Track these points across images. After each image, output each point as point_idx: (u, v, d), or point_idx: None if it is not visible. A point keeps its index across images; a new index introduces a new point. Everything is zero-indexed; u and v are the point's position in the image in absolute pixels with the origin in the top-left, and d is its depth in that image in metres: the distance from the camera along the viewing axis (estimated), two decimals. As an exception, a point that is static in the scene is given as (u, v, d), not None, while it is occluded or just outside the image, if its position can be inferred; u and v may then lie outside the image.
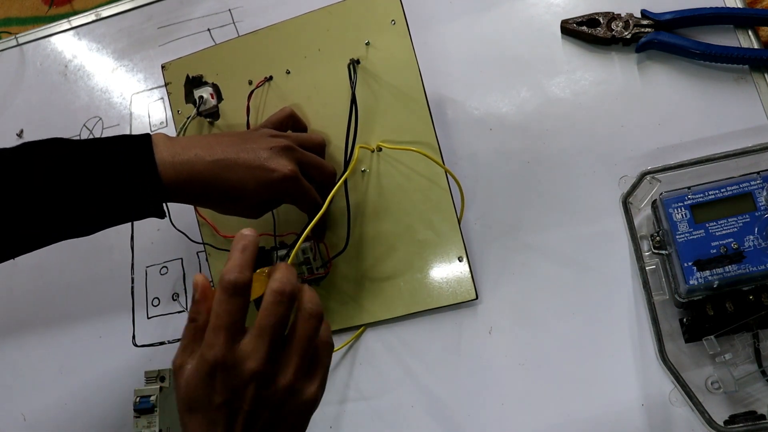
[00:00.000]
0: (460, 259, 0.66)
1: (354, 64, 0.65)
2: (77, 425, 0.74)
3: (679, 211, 0.57)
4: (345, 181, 0.64)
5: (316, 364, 0.45)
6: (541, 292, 0.65)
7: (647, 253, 0.60)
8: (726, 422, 0.55)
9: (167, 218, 0.65)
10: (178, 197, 0.56)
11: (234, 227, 0.71)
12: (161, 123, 0.84)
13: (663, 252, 0.59)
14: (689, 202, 0.57)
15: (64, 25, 0.95)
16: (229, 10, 0.87)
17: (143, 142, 0.55)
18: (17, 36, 0.97)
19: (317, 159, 0.63)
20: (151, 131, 0.84)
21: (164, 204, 0.57)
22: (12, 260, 0.83)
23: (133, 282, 0.79)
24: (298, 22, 0.68)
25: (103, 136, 0.85)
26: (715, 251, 0.56)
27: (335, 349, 0.52)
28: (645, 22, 0.69)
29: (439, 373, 0.65)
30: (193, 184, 0.55)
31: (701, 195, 0.57)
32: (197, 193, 0.57)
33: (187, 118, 0.70)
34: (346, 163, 0.64)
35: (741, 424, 0.55)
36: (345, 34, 0.66)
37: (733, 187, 0.57)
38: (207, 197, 0.58)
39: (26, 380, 0.78)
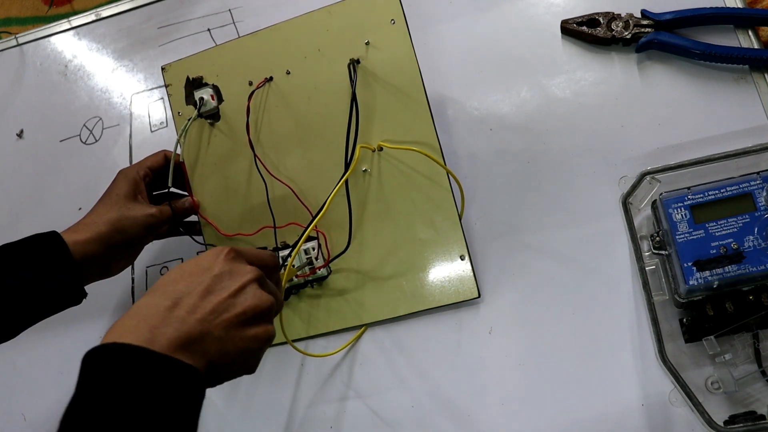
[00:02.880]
0: (462, 258, 0.66)
1: (354, 64, 0.65)
2: (78, 425, 0.74)
3: (679, 211, 0.57)
4: (346, 182, 0.64)
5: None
6: (541, 292, 0.65)
7: (647, 254, 0.60)
8: (726, 422, 0.55)
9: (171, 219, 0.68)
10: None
11: (235, 226, 0.71)
12: (161, 123, 0.84)
13: (663, 252, 0.59)
14: (689, 202, 0.57)
15: (64, 25, 0.95)
16: (229, 10, 0.87)
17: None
18: (17, 36, 0.97)
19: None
20: (152, 131, 0.85)
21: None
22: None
23: (133, 282, 0.79)
24: (297, 22, 0.68)
25: (103, 136, 0.86)
26: (714, 251, 0.56)
27: (336, 351, 0.54)
28: (645, 22, 0.69)
29: (440, 373, 0.65)
30: None
31: (701, 195, 0.57)
32: None
33: (188, 120, 0.70)
34: (347, 163, 0.64)
35: (741, 424, 0.54)
36: (345, 34, 0.66)
37: (733, 188, 0.57)
38: None
39: (26, 380, 0.78)
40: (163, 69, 0.73)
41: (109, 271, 0.65)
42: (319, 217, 0.60)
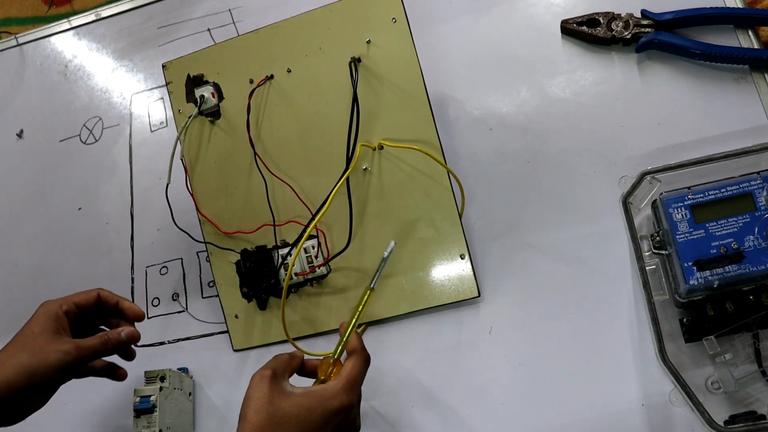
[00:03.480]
0: (462, 257, 0.66)
1: (355, 62, 0.65)
2: (77, 425, 0.73)
3: (679, 211, 0.57)
4: (347, 180, 0.63)
5: None
6: (541, 291, 0.65)
7: (647, 253, 0.60)
8: (726, 422, 0.55)
9: (172, 219, 0.67)
10: None
11: (235, 224, 0.71)
12: (161, 123, 0.84)
13: (663, 252, 0.59)
14: (689, 202, 0.57)
15: (64, 25, 0.95)
16: (229, 10, 0.87)
17: None
18: (17, 36, 0.97)
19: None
20: (151, 131, 0.85)
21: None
22: (12, 260, 0.85)
23: (133, 282, 0.79)
24: (299, 20, 0.68)
25: (103, 136, 0.86)
26: (715, 251, 0.56)
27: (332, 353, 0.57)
28: (645, 22, 0.69)
29: (440, 373, 0.65)
30: None
31: (701, 195, 0.57)
32: None
33: (189, 118, 0.70)
34: (348, 161, 0.64)
35: (741, 424, 0.54)
36: (346, 33, 0.66)
37: (733, 187, 0.57)
38: None
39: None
40: (164, 66, 0.73)
41: (18, 416, 0.57)
42: (321, 214, 0.60)
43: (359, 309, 0.58)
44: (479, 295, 0.65)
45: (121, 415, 0.72)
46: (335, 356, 0.55)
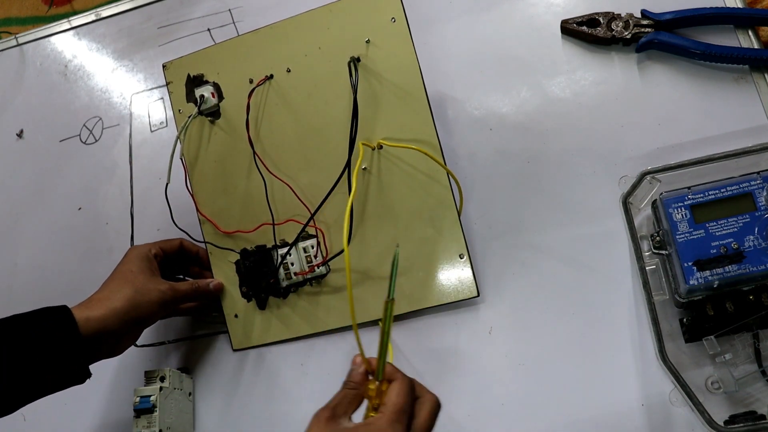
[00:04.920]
0: (461, 257, 0.66)
1: (354, 62, 0.65)
2: (77, 425, 0.73)
3: (679, 211, 0.57)
4: (348, 179, 0.63)
5: None
6: (541, 291, 0.65)
7: (647, 253, 0.60)
8: (726, 422, 0.55)
9: (171, 219, 0.68)
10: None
11: (235, 223, 0.71)
12: (161, 123, 0.84)
13: (663, 252, 0.59)
14: (689, 202, 0.57)
15: (64, 25, 0.95)
16: (229, 10, 0.87)
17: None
18: (17, 36, 0.97)
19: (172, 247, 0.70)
20: (151, 131, 0.85)
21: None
22: (12, 260, 0.85)
23: (132, 282, 0.78)
24: (298, 20, 0.68)
25: (103, 136, 0.86)
26: (715, 251, 0.56)
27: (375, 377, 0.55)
28: (645, 22, 0.69)
29: (439, 372, 0.65)
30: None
31: (701, 195, 0.57)
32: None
33: (189, 117, 0.70)
34: (349, 160, 0.64)
35: (741, 424, 0.54)
36: (345, 32, 0.66)
37: (733, 187, 0.57)
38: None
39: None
40: (164, 66, 0.73)
41: (118, 348, 0.63)
42: (320, 206, 0.60)
43: (385, 325, 0.54)
44: (478, 295, 0.65)
45: (121, 415, 0.72)
46: (380, 377, 0.52)
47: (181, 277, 0.73)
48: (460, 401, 0.63)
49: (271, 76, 0.69)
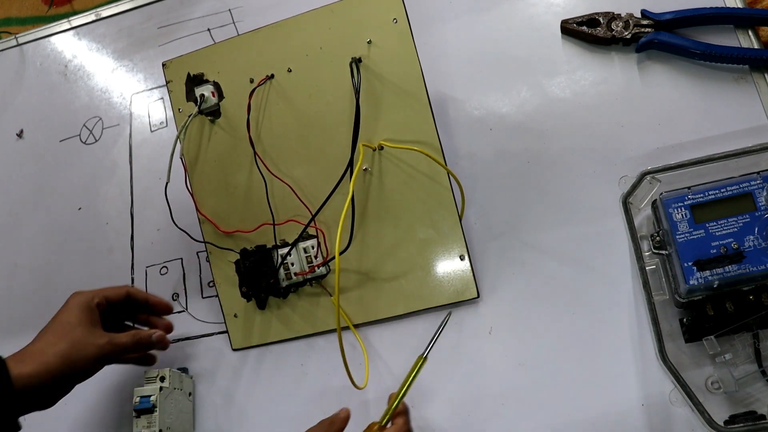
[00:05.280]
0: (461, 258, 0.66)
1: (356, 62, 0.65)
2: (77, 425, 0.73)
3: (679, 211, 0.57)
4: (350, 180, 0.63)
5: None
6: (541, 291, 0.65)
7: (647, 253, 0.60)
8: (726, 422, 0.55)
9: (171, 219, 0.68)
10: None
11: (235, 223, 0.71)
12: (161, 123, 0.84)
13: (663, 252, 0.59)
14: (689, 202, 0.57)
15: (64, 25, 0.95)
16: (229, 10, 0.87)
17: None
18: (17, 36, 0.97)
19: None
20: (151, 131, 0.85)
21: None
22: (12, 260, 0.85)
23: (133, 282, 0.79)
24: (299, 20, 0.68)
25: (103, 136, 0.86)
26: (715, 251, 0.56)
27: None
28: (645, 22, 0.69)
29: (439, 372, 0.65)
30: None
31: (701, 195, 0.57)
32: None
33: (189, 117, 0.70)
34: (351, 161, 0.64)
35: (741, 424, 0.54)
36: (347, 33, 0.66)
37: (733, 187, 0.57)
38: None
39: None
40: (164, 65, 0.73)
41: (52, 401, 0.60)
42: (321, 207, 0.60)
43: (410, 378, 0.57)
44: (478, 296, 0.65)
45: (121, 415, 0.72)
46: (382, 423, 0.55)
47: (130, 324, 0.69)
48: (460, 401, 0.63)
49: (272, 76, 0.69)
